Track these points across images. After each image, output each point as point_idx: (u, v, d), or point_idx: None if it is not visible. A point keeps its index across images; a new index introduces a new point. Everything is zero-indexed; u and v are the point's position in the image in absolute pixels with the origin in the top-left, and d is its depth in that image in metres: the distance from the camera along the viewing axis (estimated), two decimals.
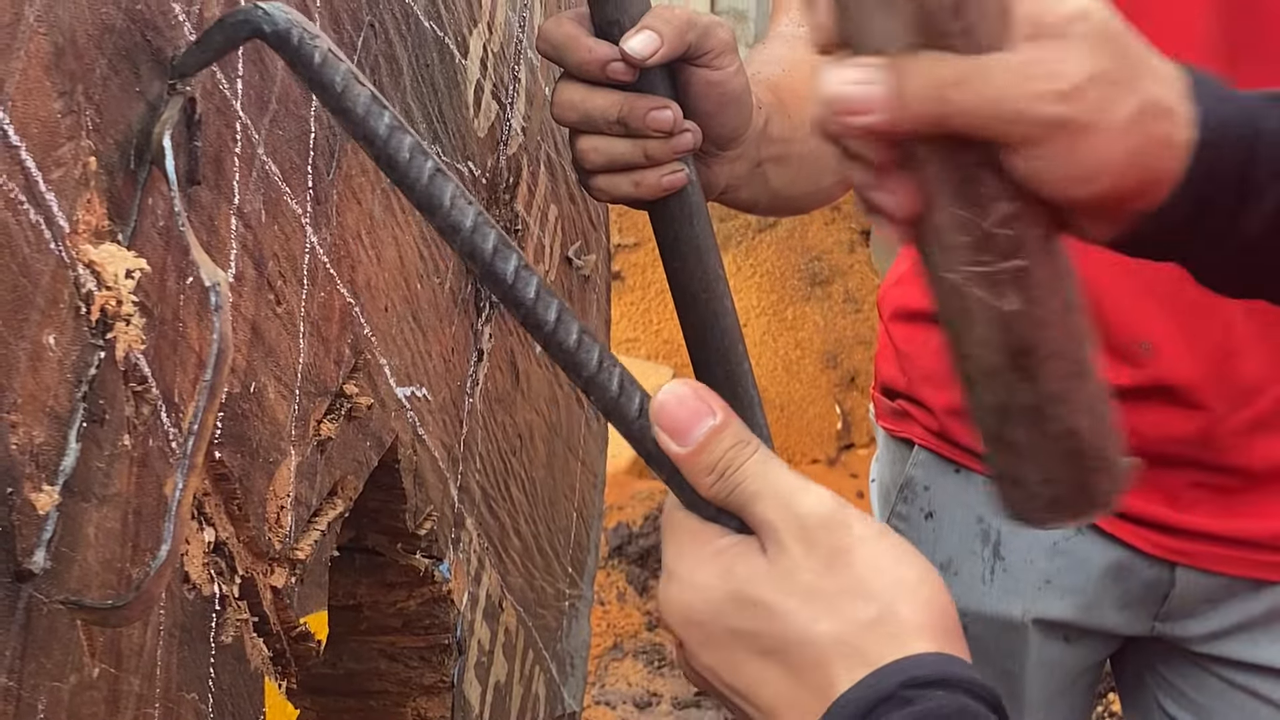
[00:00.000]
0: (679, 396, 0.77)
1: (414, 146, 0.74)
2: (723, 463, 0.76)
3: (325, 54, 0.73)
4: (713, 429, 0.76)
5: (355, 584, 1.21)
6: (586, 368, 0.77)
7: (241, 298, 0.82)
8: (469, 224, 0.75)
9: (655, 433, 0.77)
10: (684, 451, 0.76)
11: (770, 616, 0.75)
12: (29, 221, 0.63)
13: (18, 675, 0.64)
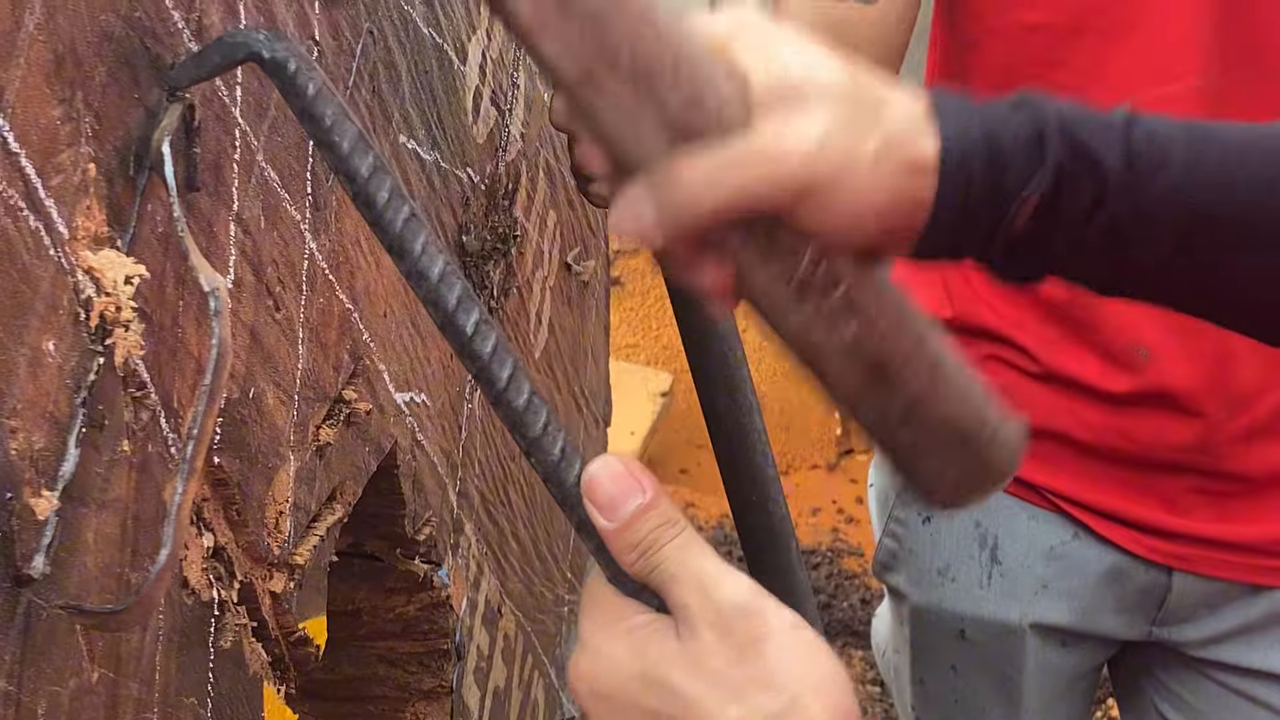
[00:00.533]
0: (611, 471, 0.77)
1: (394, 189, 0.74)
2: (645, 541, 0.76)
3: (319, 87, 0.73)
4: (640, 507, 0.76)
5: (354, 589, 1.21)
6: (532, 429, 0.77)
7: (240, 304, 0.82)
8: (436, 273, 0.75)
9: (589, 508, 0.77)
10: (610, 526, 0.76)
11: (677, 699, 0.75)
12: (29, 228, 0.63)
13: (17, 680, 0.64)
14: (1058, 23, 1.37)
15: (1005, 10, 1.39)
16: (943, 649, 1.61)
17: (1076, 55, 1.37)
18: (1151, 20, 1.34)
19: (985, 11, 1.41)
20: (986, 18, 1.41)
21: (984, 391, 0.85)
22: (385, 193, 0.74)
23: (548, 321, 1.46)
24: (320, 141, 0.74)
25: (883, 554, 1.63)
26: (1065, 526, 1.51)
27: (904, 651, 1.66)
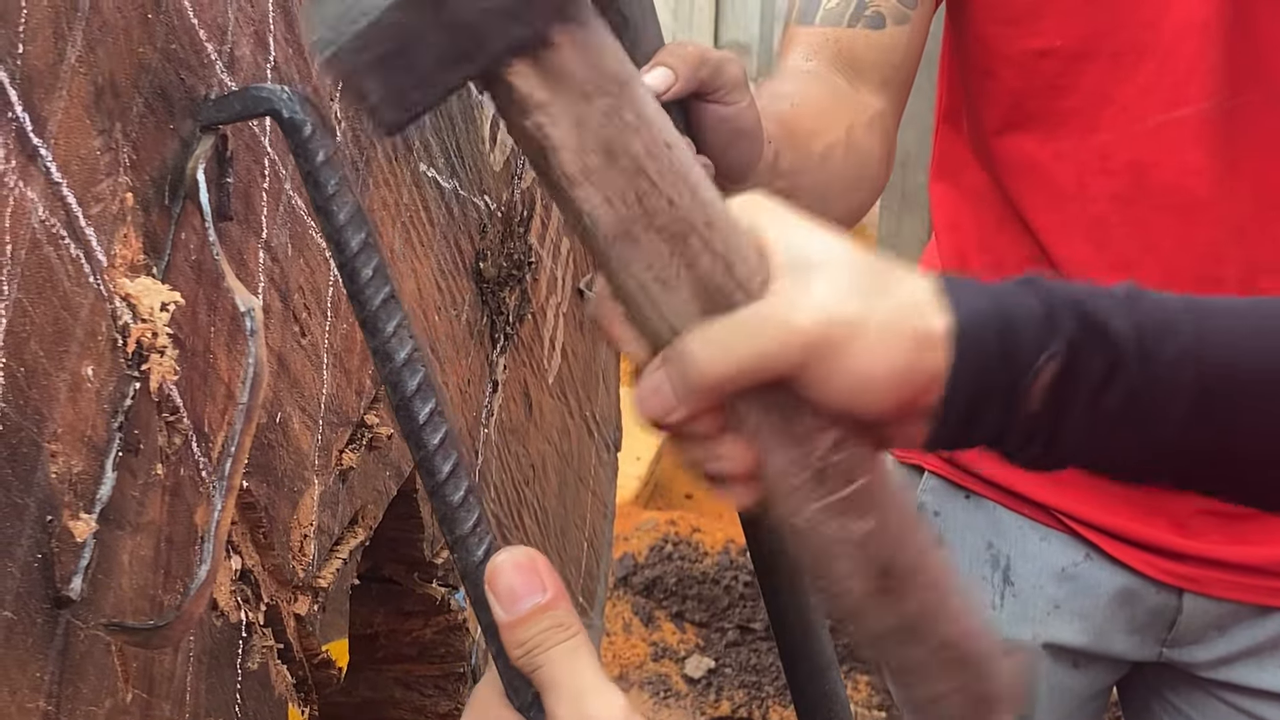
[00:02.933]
0: (516, 564, 0.77)
1: (378, 268, 0.75)
2: (533, 641, 0.76)
3: (329, 154, 0.75)
4: (537, 606, 0.76)
5: (372, 613, 1.22)
6: (462, 525, 0.77)
7: (269, 330, 0.84)
8: (402, 356, 0.76)
9: (485, 594, 0.77)
10: (504, 619, 0.77)
11: None
12: (70, 256, 0.64)
13: (55, 700, 0.65)
14: (1067, 49, 1.38)
15: (1015, 37, 1.40)
16: None
17: (1086, 81, 1.39)
18: (1161, 45, 1.35)
19: (995, 38, 1.42)
20: (996, 44, 1.42)
21: (983, 624, 0.85)
22: (370, 270, 0.75)
23: (561, 347, 1.47)
24: (318, 208, 0.75)
25: None
26: (1077, 547, 1.52)
27: None
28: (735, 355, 0.77)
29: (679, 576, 3.76)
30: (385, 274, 0.76)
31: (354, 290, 0.75)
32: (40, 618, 0.64)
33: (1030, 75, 1.41)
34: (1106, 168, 1.39)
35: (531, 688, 0.77)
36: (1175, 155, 1.36)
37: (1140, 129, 1.37)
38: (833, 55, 1.36)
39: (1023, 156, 1.45)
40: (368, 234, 0.75)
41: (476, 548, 0.77)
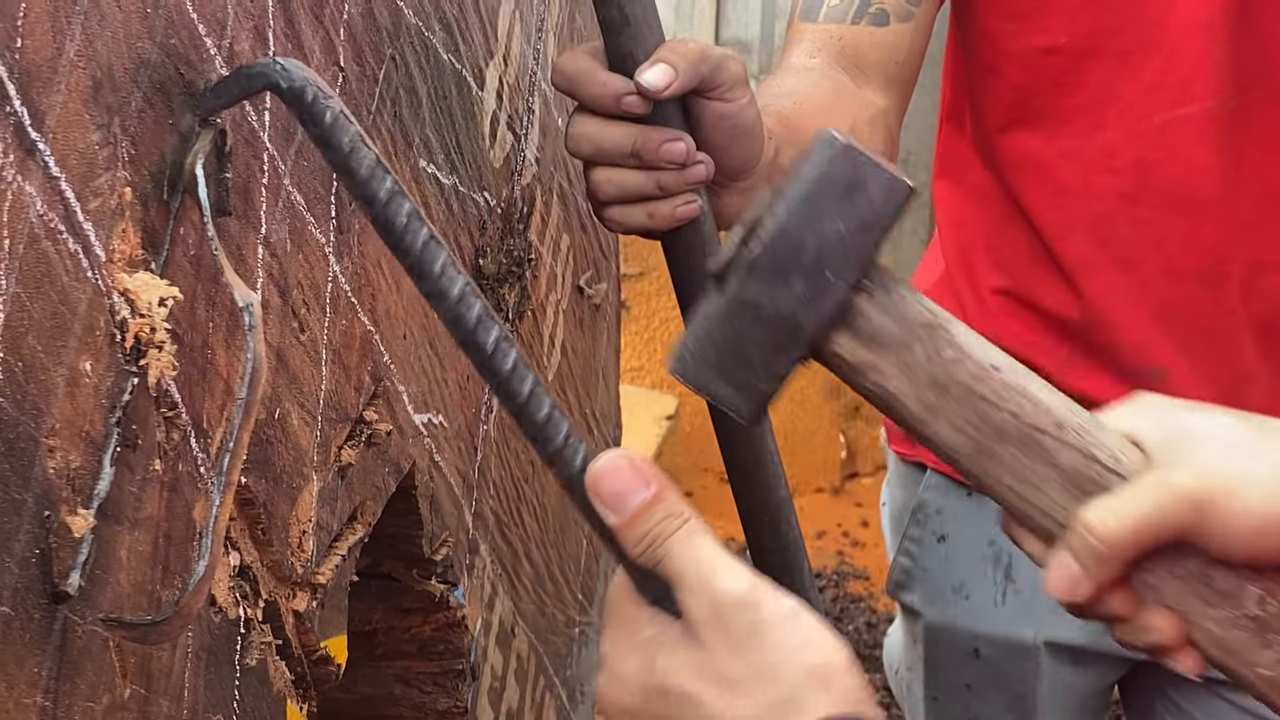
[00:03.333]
0: (615, 467, 0.79)
1: (411, 213, 0.76)
2: (650, 535, 0.79)
3: (336, 114, 0.75)
4: (644, 502, 0.78)
5: (371, 609, 1.22)
6: (553, 442, 0.79)
7: (267, 325, 0.83)
8: (456, 293, 0.77)
9: (592, 499, 0.79)
10: (617, 522, 0.79)
11: (687, 704, 0.77)
12: (68, 250, 0.64)
13: (53, 695, 0.65)
14: (1072, 46, 1.38)
15: (1020, 34, 1.40)
16: (956, 667, 1.61)
17: (1091, 78, 1.38)
18: (1166, 44, 1.35)
19: (1000, 35, 1.42)
20: (1001, 41, 1.42)
21: None
22: (403, 216, 0.76)
23: (560, 344, 1.47)
24: (338, 168, 0.75)
25: (897, 572, 1.64)
26: None
27: (917, 669, 1.66)
28: (1127, 517, 0.81)
29: None
30: (419, 217, 0.76)
31: (392, 241, 0.76)
32: (38, 613, 0.64)
33: (1035, 73, 1.40)
34: (1111, 165, 1.39)
35: (659, 579, 0.79)
36: (1180, 153, 1.36)
37: (1145, 127, 1.37)
38: (836, 52, 1.36)
39: (1027, 154, 1.44)
40: (393, 182, 0.76)
41: (573, 459, 0.79)
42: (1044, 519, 0.84)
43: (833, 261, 0.83)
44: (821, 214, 0.83)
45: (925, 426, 0.84)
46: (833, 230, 0.83)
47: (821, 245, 0.83)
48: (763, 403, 0.85)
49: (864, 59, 1.36)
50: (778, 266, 0.83)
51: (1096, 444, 0.84)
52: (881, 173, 0.84)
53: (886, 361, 0.84)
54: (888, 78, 1.37)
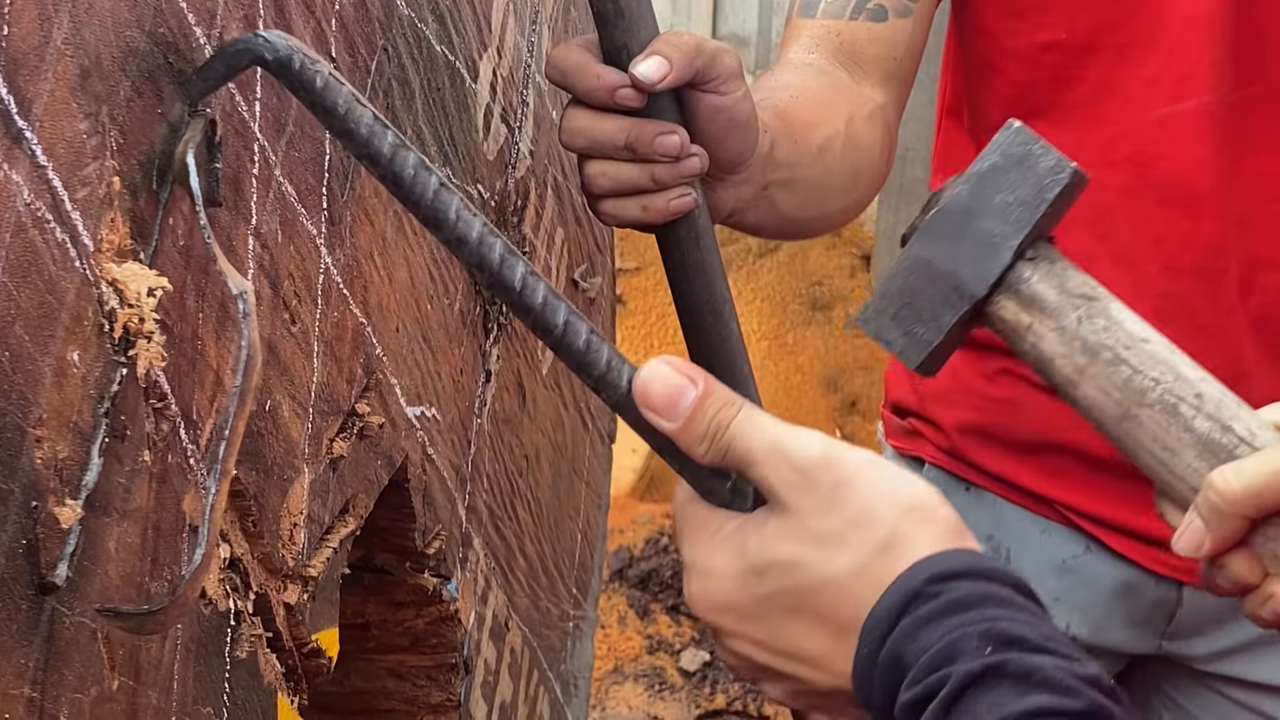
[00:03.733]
0: (659, 375, 0.80)
1: (418, 164, 0.76)
2: (710, 428, 0.79)
3: (326, 78, 0.74)
4: (697, 399, 0.79)
5: (364, 603, 1.22)
6: (596, 367, 0.79)
7: (258, 317, 0.83)
8: (475, 235, 0.77)
9: (645, 413, 0.79)
10: (674, 426, 0.79)
11: (788, 571, 0.78)
12: (55, 240, 0.64)
13: (40, 687, 0.65)
14: (1072, 42, 1.38)
15: (1020, 30, 1.40)
16: None
17: (1090, 74, 1.38)
18: (1165, 38, 1.35)
19: (999, 31, 1.41)
20: (1000, 38, 1.41)
21: None
22: (410, 169, 0.76)
23: None
24: (336, 131, 0.75)
25: None
26: (1077, 540, 1.51)
27: None
28: (1249, 475, 0.86)
29: (675, 569, 3.75)
30: (426, 166, 0.76)
31: (403, 194, 0.76)
32: (25, 604, 0.64)
33: (1035, 68, 1.40)
34: (1110, 160, 1.39)
35: (725, 480, 0.80)
36: (1179, 148, 1.36)
37: (1144, 121, 1.37)
38: (834, 48, 1.36)
39: None
40: (394, 136, 0.76)
41: (618, 381, 0.80)
42: (1179, 483, 0.90)
43: (1000, 228, 0.92)
44: (994, 186, 0.93)
45: (1074, 388, 0.91)
46: (1002, 201, 0.93)
47: (991, 213, 0.92)
48: (927, 352, 0.94)
49: (862, 55, 1.35)
50: (951, 229, 0.93)
51: (1234, 417, 0.91)
52: (1050, 154, 0.95)
53: (1044, 325, 0.92)
54: (886, 73, 1.36)
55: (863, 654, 0.77)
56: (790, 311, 4.90)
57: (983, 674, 0.73)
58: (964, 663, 0.73)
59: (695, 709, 3.48)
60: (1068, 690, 0.73)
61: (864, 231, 4.94)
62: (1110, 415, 0.92)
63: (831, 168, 1.27)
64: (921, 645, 0.74)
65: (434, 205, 0.76)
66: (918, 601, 0.75)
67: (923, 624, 0.75)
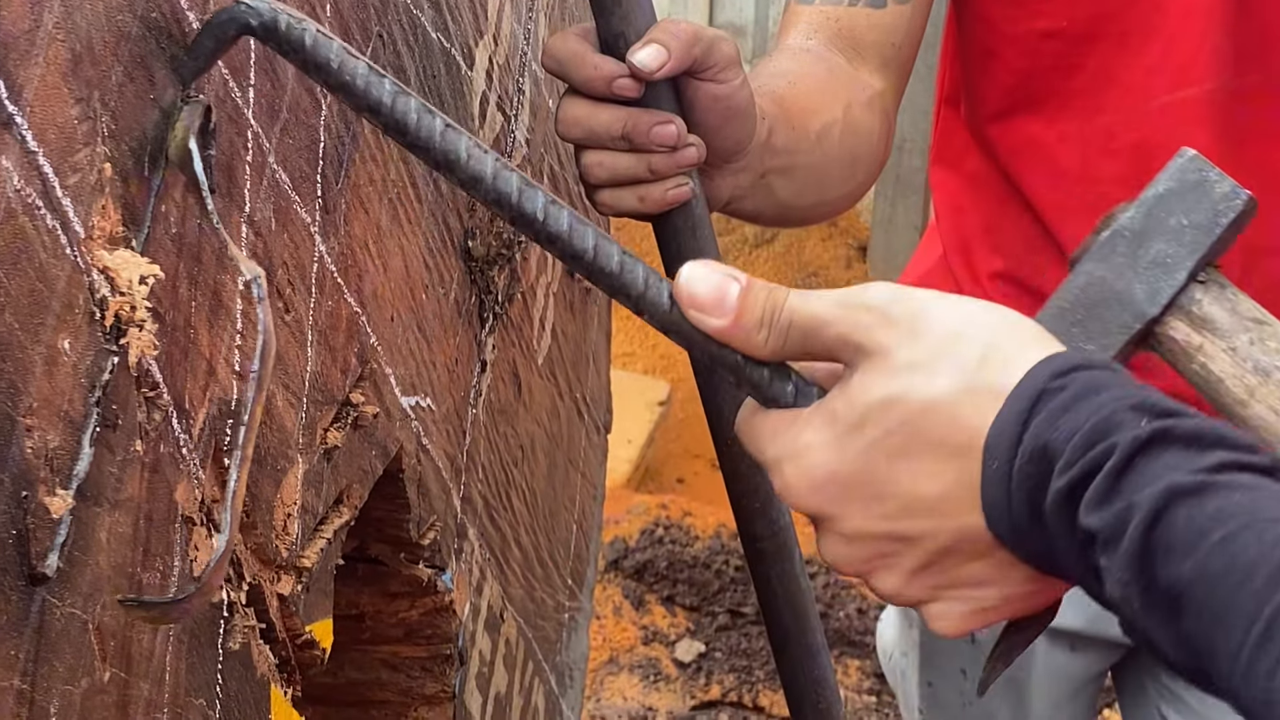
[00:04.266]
0: (699, 274, 0.77)
1: (420, 108, 0.75)
2: (765, 311, 0.76)
3: (314, 35, 0.74)
4: (743, 289, 0.76)
5: (358, 593, 1.21)
6: (634, 287, 0.78)
7: (251, 305, 0.82)
8: (489, 171, 0.76)
9: (692, 317, 0.76)
10: (727, 321, 0.76)
11: (887, 409, 0.74)
12: (46, 226, 0.63)
13: (31, 679, 0.64)
14: (1072, 30, 1.37)
15: (1020, 18, 1.39)
16: (952, 652, 1.61)
17: (1091, 62, 1.38)
18: (1166, 26, 1.34)
19: (999, 19, 1.41)
20: (1001, 25, 1.41)
21: None
22: (413, 114, 0.75)
23: (551, 327, 1.46)
24: (333, 86, 0.74)
25: None
26: None
27: (912, 654, 1.66)
28: None
29: (670, 560, 3.75)
30: (429, 110, 0.76)
31: (409, 140, 0.75)
32: (15, 595, 0.63)
33: (1035, 56, 1.40)
34: (1110, 148, 1.39)
35: (787, 381, 0.78)
36: (1179, 136, 1.35)
37: (1145, 110, 1.36)
38: (833, 34, 1.35)
39: (1026, 138, 1.44)
40: (391, 83, 0.75)
41: (660, 297, 0.78)
42: None
43: (1174, 251, 0.94)
44: (1167, 210, 0.95)
45: (1244, 408, 0.92)
46: (1176, 224, 0.94)
47: (1165, 236, 0.94)
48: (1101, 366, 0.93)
49: (861, 41, 1.35)
50: (1124, 250, 0.95)
51: None
52: (1224, 181, 0.96)
53: (1215, 346, 0.94)
54: (884, 60, 1.35)
55: (992, 470, 0.72)
56: None
57: (1150, 440, 0.69)
58: (1125, 432, 0.69)
59: (690, 700, 3.48)
60: (1246, 446, 0.70)
61: (860, 222, 4.94)
62: (1236, 394, 0.93)
63: (830, 154, 1.26)
64: (1068, 429, 0.70)
65: (443, 147, 0.76)
66: (1046, 397, 0.71)
67: (1061, 412, 0.71)
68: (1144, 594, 0.68)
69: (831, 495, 0.76)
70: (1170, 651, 0.70)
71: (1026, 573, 0.76)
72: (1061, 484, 0.70)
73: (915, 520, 0.75)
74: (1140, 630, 0.70)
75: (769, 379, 0.78)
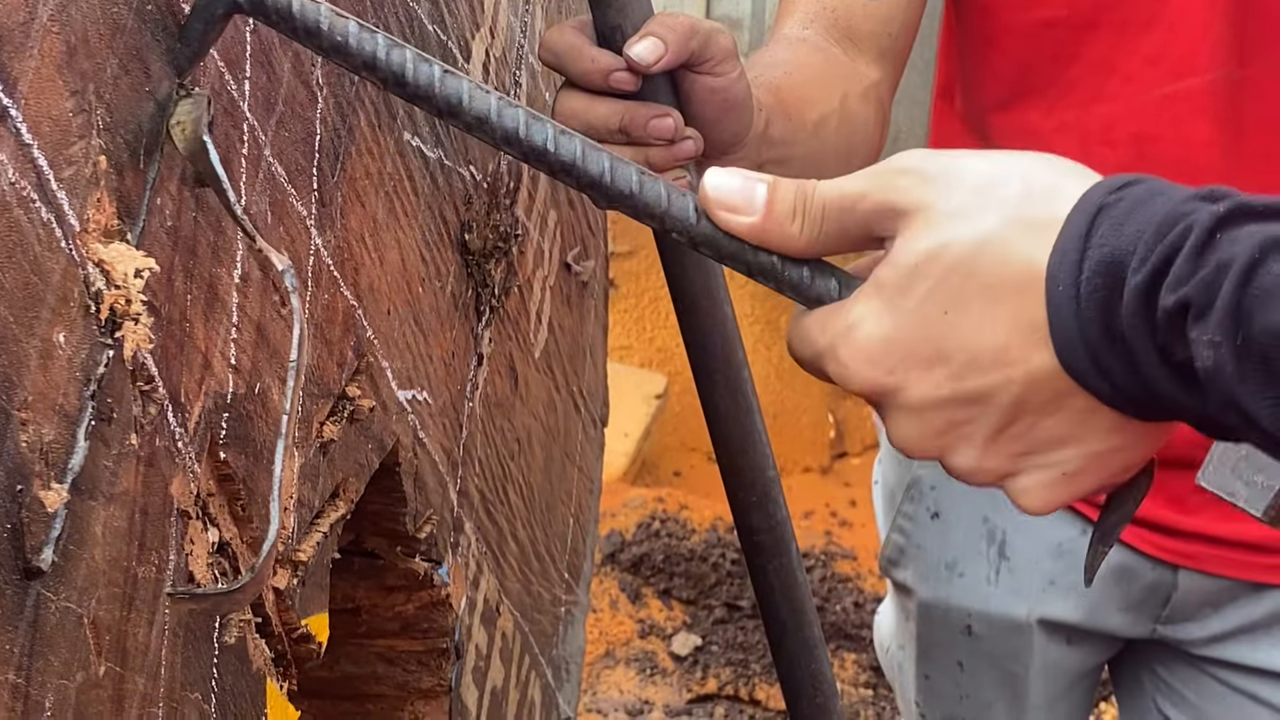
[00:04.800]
0: (723, 178, 0.75)
1: (415, 58, 0.75)
2: (796, 200, 0.74)
3: (302, 1, 0.74)
4: (770, 185, 0.75)
5: (354, 587, 1.21)
6: (658, 204, 0.77)
7: (247, 298, 0.82)
8: (493, 111, 0.76)
9: (722, 220, 0.75)
10: (758, 217, 0.74)
11: (935, 259, 0.71)
12: (40, 219, 0.63)
13: (25, 673, 0.64)
14: (1073, 19, 1.37)
15: (1020, 7, 1.39)
16: (949, 644, 1.61)
17: (1091, 51, 1.37)
18: (1167, 15, 1.34)
19: (999, 8, 1.41)
20: (1000, 15, 1.41)
21: None
22: (409, 64, 0.75)
23: (547, 321, 1.46)
24: (326, 49, 0.74)
25: (890, 549, 1.64)
26: (1073, 523, 1.51)
27: (909, 647, 1.66)
28: None
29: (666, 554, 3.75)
30: (424, 58, 0.75)
31: (409, 92, 0.75)
32: (10, 589, 0.63)
33: (1034, 45, 1.39)
34: (1110, 139, 1.38)
35: (830, 277, 0.76)
36: (1180, 126, 1.35)
37: (1145, 100, 1.36)
38: (829, 24, 1.35)
39: (1025, 128, 1.44)
40: (384, 38, 0.75)
41: (685, 211, 0.76)
42: None
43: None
44: None
45: None
46: None
47: None
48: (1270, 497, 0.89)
49: (857, 31, 1.35)
50: None
51: None
52: None
53: None
54: (880, 50, 1.35)
55: (1058, 294, 0.68)
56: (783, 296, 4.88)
57: (1228, 215, 0.66)
58: (1201, 214, 0.66)
59: (686, 693, 3.48)
60: None
61: None
62: None
63: (826, 145, 1.26)
64: (1135, 230, 0.67)
65: (444, 94, 0.75)
66: (1105, 211, 0.68)
67: (1125, 219, 0.67)
68: (1239, 352, 0.65)
69: (890, 365, 0.73)
70: (1267, 417, 0.65)
71: (1107, 421, 0.72)
72: (1138, 280, 0.66)
73: (981, 375, 0.72)
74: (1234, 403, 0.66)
75: (810, 277, 0.76)
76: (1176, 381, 0.68)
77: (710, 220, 0.76)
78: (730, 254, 0.77)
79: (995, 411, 0.73)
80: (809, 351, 0.77)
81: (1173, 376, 0.68)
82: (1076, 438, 0.73)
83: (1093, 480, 0.75)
